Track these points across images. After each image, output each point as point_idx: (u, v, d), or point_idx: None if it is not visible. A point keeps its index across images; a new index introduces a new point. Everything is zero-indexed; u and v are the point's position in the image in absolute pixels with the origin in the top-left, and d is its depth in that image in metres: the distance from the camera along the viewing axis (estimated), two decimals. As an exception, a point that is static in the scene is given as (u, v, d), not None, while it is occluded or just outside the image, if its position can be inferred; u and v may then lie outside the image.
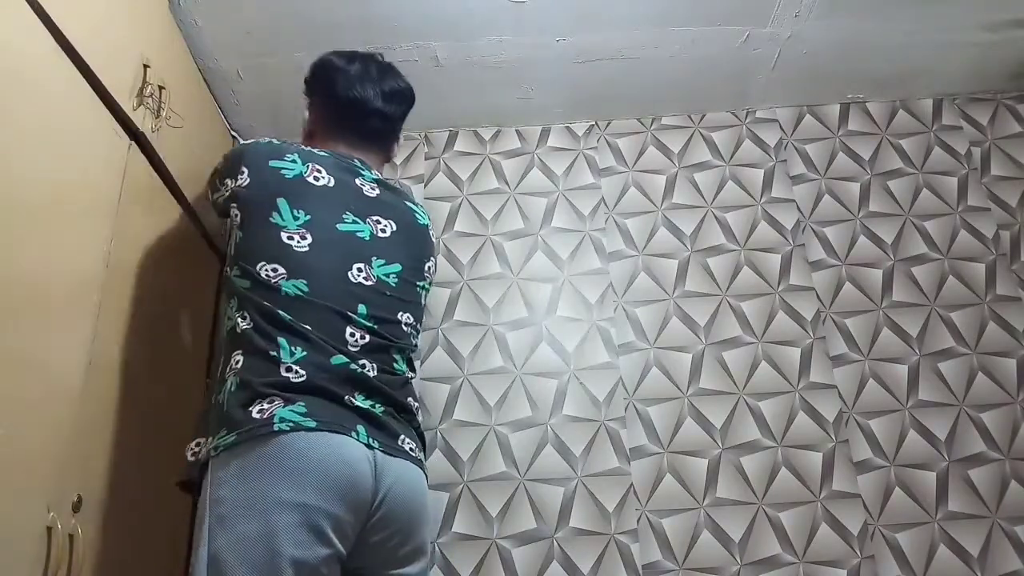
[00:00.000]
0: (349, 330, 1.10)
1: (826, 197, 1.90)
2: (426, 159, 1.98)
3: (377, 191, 1.25)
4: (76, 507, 1.04)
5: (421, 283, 1.26)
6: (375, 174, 1.28)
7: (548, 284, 1.82)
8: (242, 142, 1.25)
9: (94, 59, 1.14)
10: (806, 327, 1.76)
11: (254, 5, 1.59)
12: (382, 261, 1.18)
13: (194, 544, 0.96)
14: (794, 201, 1.90)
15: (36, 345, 0.97)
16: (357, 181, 1.23)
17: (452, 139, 2.00)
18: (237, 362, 1.06)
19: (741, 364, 1.73)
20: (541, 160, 1.97)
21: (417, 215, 1.31)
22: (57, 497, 1.00)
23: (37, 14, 1.03)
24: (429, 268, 1.30)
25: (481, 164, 1.97)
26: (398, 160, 1.97)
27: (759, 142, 1.98)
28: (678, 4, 1.66)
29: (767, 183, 1.93)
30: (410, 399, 1.17)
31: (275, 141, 1.25)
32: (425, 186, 1.94)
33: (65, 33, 1.07)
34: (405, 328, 1.19)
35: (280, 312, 1.06)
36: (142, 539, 1.27)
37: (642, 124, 2.01)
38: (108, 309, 1.16)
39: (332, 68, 1.32)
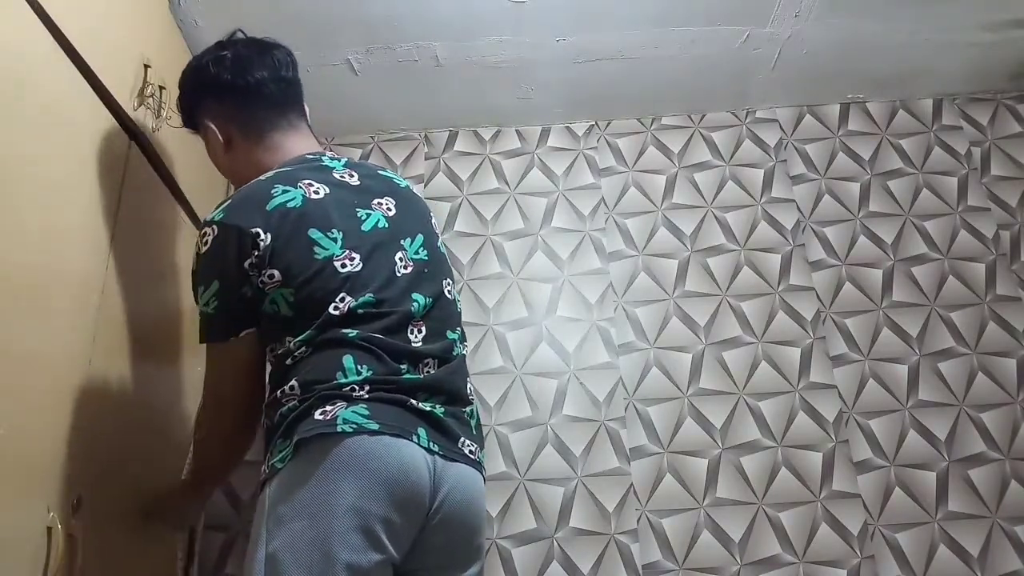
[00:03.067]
0: (410, 327, 1.08)
1: (826, 197, 1.90)
2: (426, 159, 1.98)
3: (356, 176, 1.18)
4: (76, 507, 1.04)
5: (439, 241, 1.24)
6: (336, 159, 1.20)
7: (548, 284, 1.82)
8: (211, 232, 1.05)
9: (94, 59, 1.14)
10: (806, 327, 1.76)
11: (254, 5, 1.59)
12: (408, 240, 1.15)
13: (251, 543, 0.95)
14: (794, 201, 1.90)
15: (36, 345, 0.97)
16: (336, 175, 1.16)
17: (452, 139, 2.00)
18: (292, 387, 1.01)
19: (741, 364, 1.73)
20: (541, 160, 1.97)
21: (395, 180, 1.25)
22: (57, 497, 1.00)
23: (37, 14, 1.02)
24: (434, 223, 1.26)
25: (481, 164, 1.97)
26: (398, 160, 1.98)
27: (759, 142, 1.98)
28: (678, 4, 1.66)
29: (767, 183, 1.93)
30: (468, 382, 1.16)
31: (238, 196, 1.09)
32: (425, 186, 1.94)
33: (65, 33, 1.07)
34: (449, 295, 1.18)
35: (346, 331, 1.02)
36: (142, 539, 1.27)
37: (642, 124, 2.01)
38: (108, 309, 1.16)
39: (210, 66, 1.21)
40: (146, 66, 1.33)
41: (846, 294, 1.80)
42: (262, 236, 1.03)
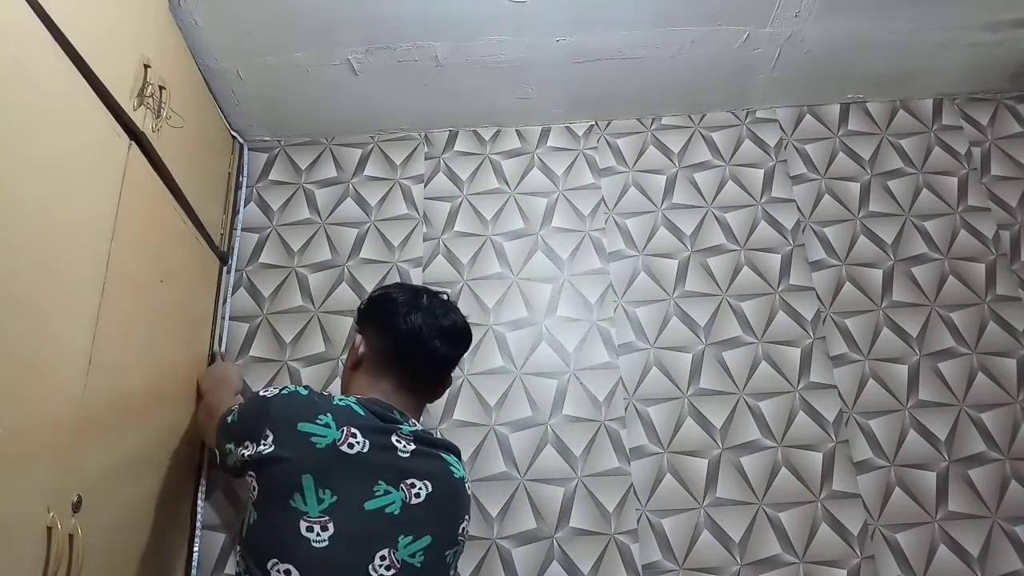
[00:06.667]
0: None
1: (826, 197, 1.90)
2: (426, 159, 1.98)
3: (412, 447, 1.10)
4: (76, 507, 1.04)
5: (452, 550, 1.11)
6: (412, 425, 1.14)
7: (548, 284, 1.82)
8: (265, 394, 1.08)
9: (94, 59, 1.14)
10: (806, 327, 1.76)
11: (254, 5, 1.59)
12: (409, 539, 1.03)
13: None
14: (794, 201, 1.90)
15: (36, 344, 0.97)
16: (393, 439, 1.08)
17: (452, 139, 2.00)
18: None
19: (741, 364, 1.73)
20: (541, 160, 1.97)
21: (453, 468, 1.16)
22: (57, 497, 1.00)
23: (37, 14, 1.03)
24: (463, 530, 1.14)
25: (481, 164, 1.97)
26: (398, 160, 1.98)
27: (759, 142, 1.98)
28: (678, 4, 1.66)
29: (767, 183, 1.93)
30: None
31: (303, 392, 1.08)
32: (425, 186, 1.94)
33: (65, 33, 1.07)
34: None
35: None
36: (142, 539, 1.27)
37: (642, 124, 2.01)
38: (108, 309, 1.16)
39: (392, 301, 1.23)
40: (146, 66, 1.33)
41: (846, 294, 1.80)
42: (266, 443, 1.01)
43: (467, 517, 1.15)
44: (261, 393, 1.09)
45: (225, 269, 1.83)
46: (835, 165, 1.94)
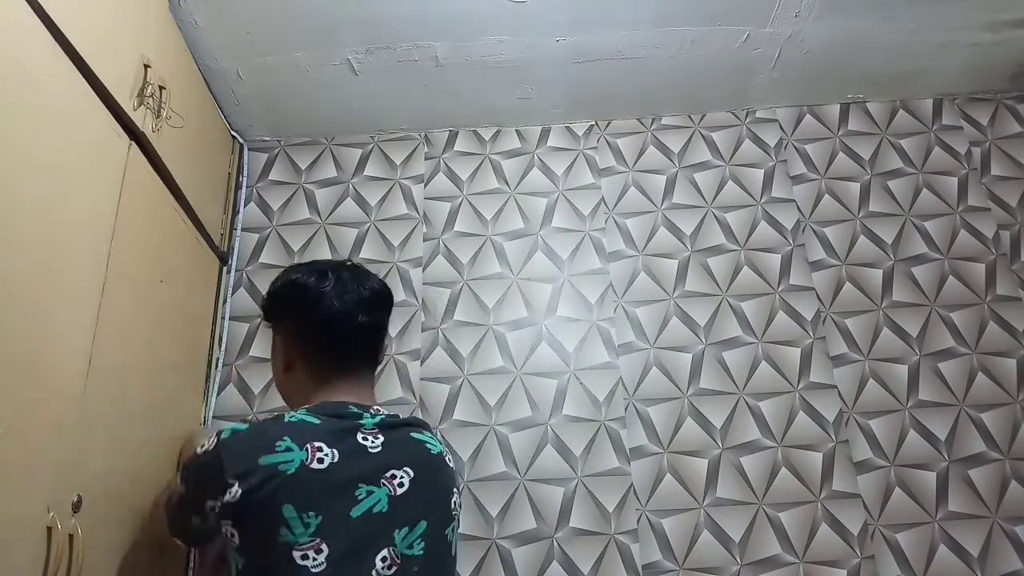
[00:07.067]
0: None
1: (826, 197, 1.90)
2: (426, 159, 1.98)
3: (381, 439, 1.05)
4: (76, 507, 1.04)
5: (450, 527, 1.08)
6: (373, 414, 1.08)
7: (548, 284, 1.82)
8: (207, 448, 0.98)
9: (94, 59, 1.14)
10: (806, 327, 1.76)
11: (254, 5, 1.59)
12: (405, 530, 1.01)
13: None
14: (794, 201, 1.90)
15: (36, 344, 0.97)
16: (359, 437, 1.04)
17: (452, 139, 2.00)
18: None
19: (741, 364, 1.73)
20: (541, 160, 1.97)
21: (429, 445, 1.11)
22: (57, 497, 1.00)
23: (37, 14, 1.03)
24: (456, 503, 1.11)
25: (481, 164, 1.97)
26: (398, 160, 1.98)
27: (759, 142, 1.98)
28: (678, 4, 1.66)
29: (767, 183, 1.93)
30: None
31: (242, 428, 1.00)
32: (425, 186, 1.94)
33: (65, 33, 1.07)
34: None
35: None
36: (142, 539, 1.27)
37: (642, 124, 2.01)
38: (108, 309, 1.16)
39: (302, 287, 1.14)
40: (146, 66, 1.33)
41: (846, 294, 1.80)
42: (232, 490, 0.93)
43: (456, 489, 1.11)
44: (199, 451, 1.00)
45: (225, 269, 1.83)
46: (835, 165, 1.94)
